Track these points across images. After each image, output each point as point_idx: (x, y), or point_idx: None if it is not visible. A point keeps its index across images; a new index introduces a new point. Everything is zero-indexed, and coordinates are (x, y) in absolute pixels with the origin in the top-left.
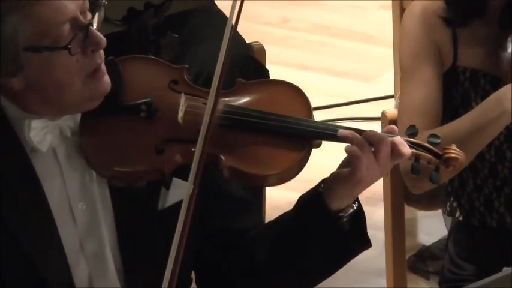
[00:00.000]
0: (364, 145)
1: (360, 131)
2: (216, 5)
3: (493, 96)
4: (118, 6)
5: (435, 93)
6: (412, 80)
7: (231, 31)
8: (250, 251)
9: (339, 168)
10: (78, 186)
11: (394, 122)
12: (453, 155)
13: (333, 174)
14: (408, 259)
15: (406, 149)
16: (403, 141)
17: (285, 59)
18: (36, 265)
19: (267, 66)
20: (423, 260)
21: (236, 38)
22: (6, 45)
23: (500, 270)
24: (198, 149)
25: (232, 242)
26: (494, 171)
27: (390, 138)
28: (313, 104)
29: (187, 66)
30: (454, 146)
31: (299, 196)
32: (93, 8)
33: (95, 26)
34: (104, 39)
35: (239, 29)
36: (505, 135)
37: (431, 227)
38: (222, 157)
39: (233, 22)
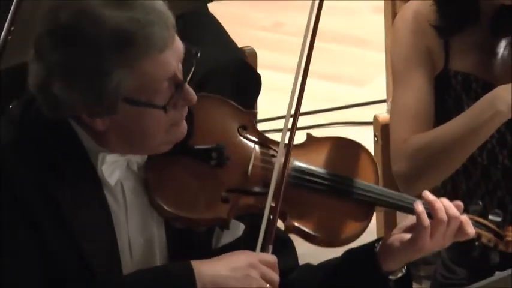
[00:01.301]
0: (443, 218)
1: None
2: (207, 9)
3: (486, 97)
4: None
5: (427, 97)
6: (404, 84)
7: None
8: None
9: (400, 230)
10: (139, 222)
11: (386, 126)
12: None
13: (393, 237)
14: None
15: (471, 230)
16: (469, 221)
17: (277, 64)
18: None
19: (258, 70)
20: (415, 264)
21: (228, 42)
22: (109, 93)
23: (492, 274)
24: (268, 204)
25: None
26: (487, 175)
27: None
28: (306, 109)
29: (256, 112)
30: None
31: (350, 248)
32: (187, 59)
33: (187, 80)
34: (195, 97)
35: (231, 33)
36: (497, 138)
37: None
38: (288, 215)
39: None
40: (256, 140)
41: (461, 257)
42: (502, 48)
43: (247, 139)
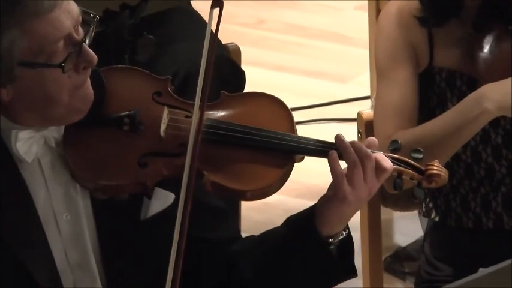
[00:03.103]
0: (355, 161)
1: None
2: (191, 6)
3: (472, 95)
4: (93, 7)
5: (411, 94)
6: (387, 81)
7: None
8: (235, 265)
9: (327, 190)
10: (62, 197)
11: (370, 122)
12: (435, 171)
13: (322, 197)
14: (384, 260)
15: (388, 164)
16: (384, 156)
17: (261, 60)
18: (28, 272)
19: (242, 67)
20: (399, 260)
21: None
22: (2, 58)
23: (476, 271)
24: (187, 163)
25: (209, 253)
26: (470, 172)
27: (372, 152)
28: (289, 105)
29: (170, 77)
30: (436, 162)
31: (289, 216)
32: (85, 23)
33: (87, 42)
34: (95, 57)
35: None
36: (481, 135)
37: (407, 228)
38: (205, 172)
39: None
40: (170, 103)
41: (443, 251)
42: (485, 44)
43: (161, 104)
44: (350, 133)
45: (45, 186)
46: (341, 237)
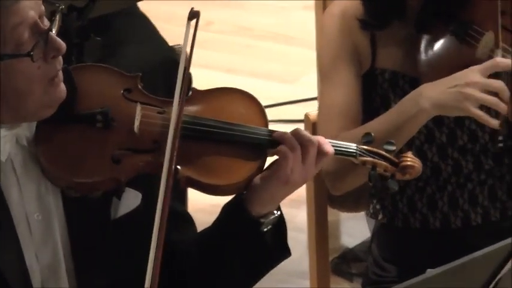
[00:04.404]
0: (295, 145)
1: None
2: (138, 8)
3: (410, 95)
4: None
5: (354, 95)
6: (331, 82)
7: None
8: (181, 260)
9: (265, 169)
10: (34, 196)
11: (317, 124)
12: (409, 163)
13: (257, 177)
14: (331, 261)
15: (330, 148)
16: (326, 140)
17: (209, 62)
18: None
19: (190, 69)
20: (346, 262)
21: (159, 40)
22: None
23: (424, 271)
24: (166, 159)
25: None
26: None
27: (315, 137)
28: None
29: (140, 74)
30: (410, 154)
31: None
32: (50, 13)
33: (54, 31)
34: (64, 45)
35: (162, 32)
36: (426, 134)
37: (354, 229)
38: (179, 167)
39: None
40: (141, 100)
41: (390, 252)
42: (426, 44)
43: (133, 100)
44: None
45: (17, 185)
46: (272, 217)
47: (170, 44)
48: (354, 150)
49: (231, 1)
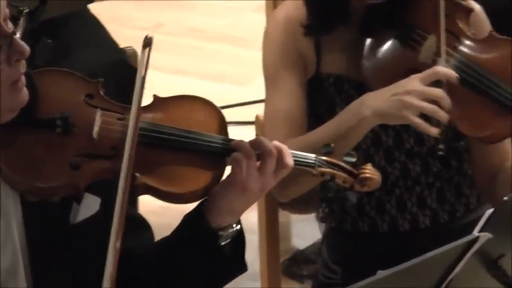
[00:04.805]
0: (249, 152)
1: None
2: (89, 10)
3: (353, 103)
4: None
5: (299, 101)
6: (276, 88)
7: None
8: (136, 266)
9: (225, 177)
10: None
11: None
12: (368, 175)
13: (217, 186)
14: (282, 263)
15: (291, 160)
16: (289, 152)
17: (159, 64)
18: None
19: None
20: (297, 263)
21: (110, 43)
22: None
23: (372, 274)
24: (124, 166)
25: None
26: None
27: (277, 147)
28: None
29: (102, 80)
30: (369, 166)
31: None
32: (15, 16)
33: (18, 35)
34: (28, 49)
35: (112, 34)
36: (372, 138)
37: (305, 230)
38: (137, 174)
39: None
40: (102, 106)
41: (339, 254)
42: (370, 48)
43: (94, 106)
44: (249, 136)
45: None
46: (231, 230)
47: (121, 46)
48: (313, 161)
49: (181, 3)
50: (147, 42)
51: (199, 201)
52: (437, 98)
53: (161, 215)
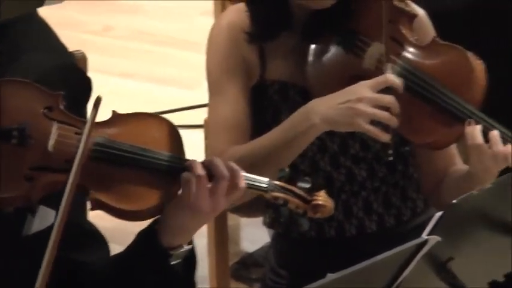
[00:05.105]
0: (199, 172)
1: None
2: (37, 14)
3: (301, 110)
4: None
5: (243, 108)
6: (219, 96)
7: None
8: (90, 281)
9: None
10: None
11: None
12: (321, 202)
13: (170, 205)
14: (231, 266)
15: (242, 183)
16: (240, 174)
17: (108, 68)
18: None
19: (89, 74)
20: (246, 267)
21: (59, 46)
22: None
23: (322, 277)
24: (70, 180)
25: (73, 273)
26: None
27: (229, 169)
28: None
29: (63, 93)
30: (322, 193)
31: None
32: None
33: None
34: None
35: (61, 37)
36: (318, 145)
37: (254, 234)
38: (91, 190)
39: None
40: (60, 119)
41: (286, 259)
42: (313, 54)
43: (52, 119)
44: (197, 140)
45: None
46: (182, 250)
47: (70, 49)
48: (266, 185)
49: (130, 6)
50: (97, 102)
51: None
52: (389, 104)
53: (111, 218)
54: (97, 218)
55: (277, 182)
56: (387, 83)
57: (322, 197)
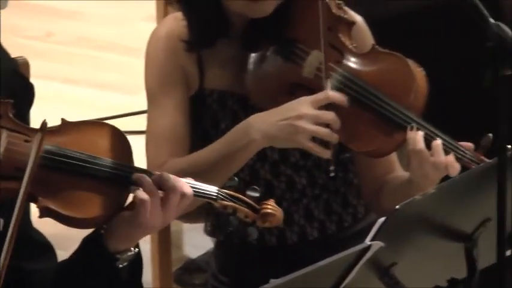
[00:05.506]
0: (153, 191)
1: (151, 174)
2: None
3: (241, 125)
4: None
5: (182, 119)
6: (158, 107)
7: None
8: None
9: (125, 208)
10: None
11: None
12: (270, 211)
13: (120, 214)
14: (174, 272)
15: (189, 190)
16: (184, 182)
17: (50, 73)
18: None
19: (31, 80)
20: (189, 272)
21: (0, 52)
22: None
23: (266, 282)
24: (22, 188)
25: (20, 283)
26: None
27: (177, 182)
28: (79, 118)
29: (12, 101)
30: (271, 201)
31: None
32: None
33: None
34: None
35: (3, 43)
36: (258, 154)
37: (197, 239)
38: (40, 197)
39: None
40: (10, 127)
41: (228, 267)
42: (252, 63)
43: (1, 127)
44: (139, 145)
45: None
46: (129, 253)
47: (12, 55)
48: (215, 194)
49: (71, 12)
50: (42, 128)
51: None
52: (330, 121)
53: (55, 224)
54: (40, 223)
55: (226, 191)
56: (328, 99)
57: (271, 206)
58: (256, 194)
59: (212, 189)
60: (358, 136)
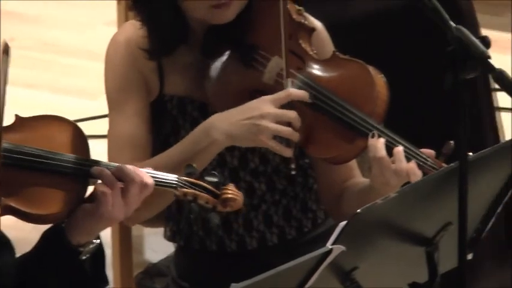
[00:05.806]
0: (113, 183)
1: (112, 167)
2: None
3: (201, 126)
4: None
5: (143, 125)
6: (118, 112)
7: None
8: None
9: (85, 200)
10: None
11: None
12: (230, 195)
13: (80, 207)
14: (135, 276)
15: (150, 180)
16: (144, 173)
17: (11, 78)
18: None
19: None
20: (150, 277)
21: None
22: None
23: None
24: None
25: None
26: None
27: (137, 173)
28: None
29: None
30: (231, 186)
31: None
32: None
33: None
34: None
35: None
36: (217, 160)
37: (158, 244)
38: (2, 196)
39: None
40: None
41: (188, 272)
42: (212, 69)
43: None
44: (100, 149)
45: None
46: (91, 245)
47: None
48: (175, 182)
49: (33, 17)
50: (5, 49)
51: None
52: (291, 120)
53: (16, 228)
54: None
55: (186, 178)
56: (290, 97)
57: (231, 190)
58: (215, 179)
59: (172, 177)
60: (319, 142)
